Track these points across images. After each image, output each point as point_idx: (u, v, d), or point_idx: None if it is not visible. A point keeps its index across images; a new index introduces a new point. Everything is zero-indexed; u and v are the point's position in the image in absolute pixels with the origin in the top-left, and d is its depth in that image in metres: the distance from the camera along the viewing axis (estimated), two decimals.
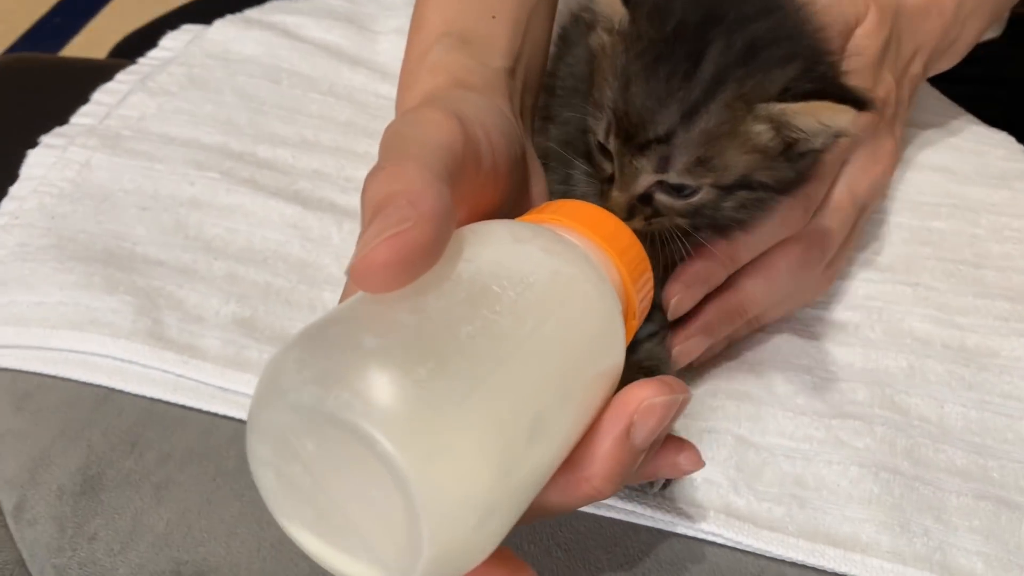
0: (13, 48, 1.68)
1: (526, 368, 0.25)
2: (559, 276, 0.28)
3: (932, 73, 0.56)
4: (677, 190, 0.37)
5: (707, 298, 0.42)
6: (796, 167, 0.38)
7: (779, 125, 0.35)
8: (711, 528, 0.39)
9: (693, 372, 0.46)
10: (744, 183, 0.37)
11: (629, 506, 0.40)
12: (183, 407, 0.44)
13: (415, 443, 0.21)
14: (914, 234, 0.54)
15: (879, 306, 0.50)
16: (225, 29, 0.65)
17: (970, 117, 0.64)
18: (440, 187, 0.27)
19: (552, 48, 0.49)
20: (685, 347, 0.43)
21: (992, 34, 0.77)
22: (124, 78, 0.62)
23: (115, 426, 0.43)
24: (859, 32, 0.47)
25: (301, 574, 0.38)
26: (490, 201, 0.34)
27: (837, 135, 0.36)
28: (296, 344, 0.24)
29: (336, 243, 0.51)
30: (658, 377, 0.28)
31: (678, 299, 0.41)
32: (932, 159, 0.59)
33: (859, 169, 0.46)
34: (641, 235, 0.34)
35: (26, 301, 0.47)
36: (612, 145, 0.37)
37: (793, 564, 0.39)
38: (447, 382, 0.22)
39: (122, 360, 0.45)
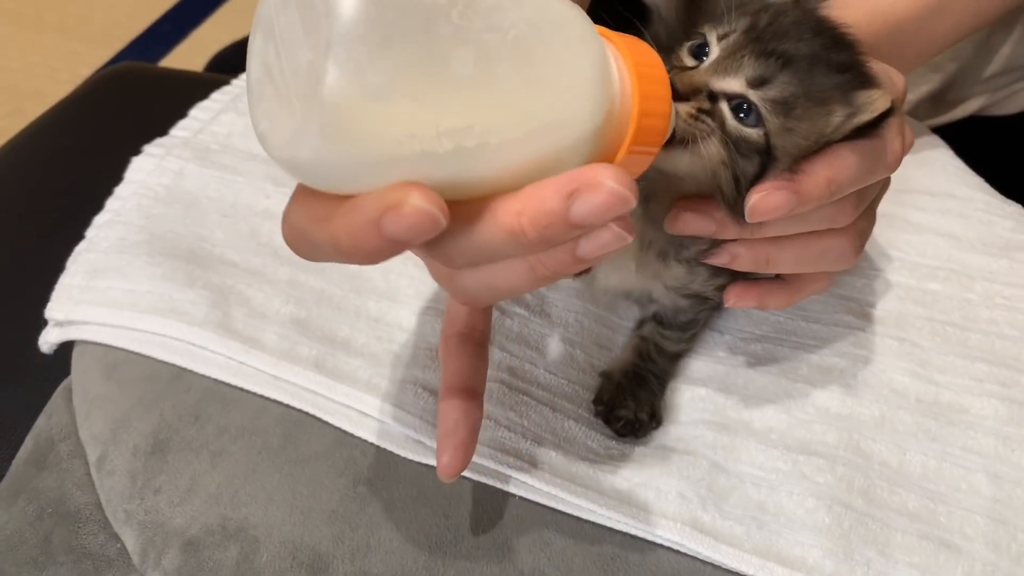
0: (127, 50, 1.84)
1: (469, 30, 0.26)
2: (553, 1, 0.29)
3: None
4: (742, 116, 0.39)
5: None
6: None
7: (850, 117, 0.40)
8: (677, 538, 0.45)
9: (682, 404, 0.52)
10: (778, 164, 0.40)
11: (607, 512, 0.46)
12: (241, 389, 0.51)
13: None
14: (909, 293, 0.59)
15: (865, 355, 0.55)
16: None
17: (986, 187, 0.68)
18: None
19: None
20: (686, 217, 0.43)
21: None
22: (218, 97, 0.71)
23: (184, 400, 0.51)
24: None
25: (323, 538, 0.45)
26: None
27: (863, 109, 0.40)
28: None
29: None
30: (622, 174, 0.28)
31: (760, 196, 0.40)
32: (940, 225, 0.63)
33: None
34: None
35: (120, 287, 0.55)
36: (733, 38, 0.40)
37: None
38: None
39: (194, 345, 0.53)
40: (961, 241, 0.62)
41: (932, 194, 0.66)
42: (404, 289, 0.57)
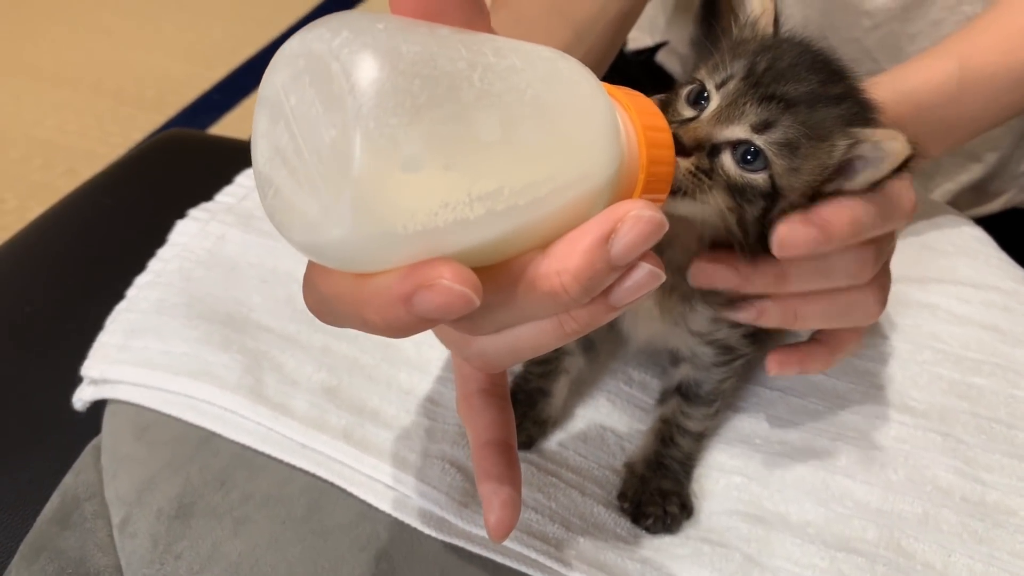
0: (178, 116, 1.91)
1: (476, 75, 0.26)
2: (557, 61, 0.29)
3: None
4: (747, 160, 0.40)
5: None
6: None
7: (851, 147, 0.40)
8: None
9: (716, 492, 0.50)
10: (784, 201, 0.40)
11: None
12: (268, 456, 0.51)
13: (364, 61, 0.24)
14: (953, 386, 0.57)
15: (907, 450, 0.53)
16: None
17: None
18: None
19: None
20: (708, 269, 0.44)
21: None
22: None
23: (211, 464, 0.51)
24: None
25: None
26: None
27: (883, 159, 0.40)
28: None
29: None
30: (648, 203, 0.29)
31: (788, 229, 0.40)
32: (984, 317, 0.62)
33: None
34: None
35: (157, 348, 0.56)
36: (732, 85, 0.40)
37: None
38: (402, 37, 0.25)
39: (225, 409, 0.53)
40: (1007, 335, 0.61)
41: (976, 286, 0.64)
42: (435, 361, 0.56)
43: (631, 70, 0.94)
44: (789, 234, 0.40)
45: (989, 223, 0.74)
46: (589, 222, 0.28)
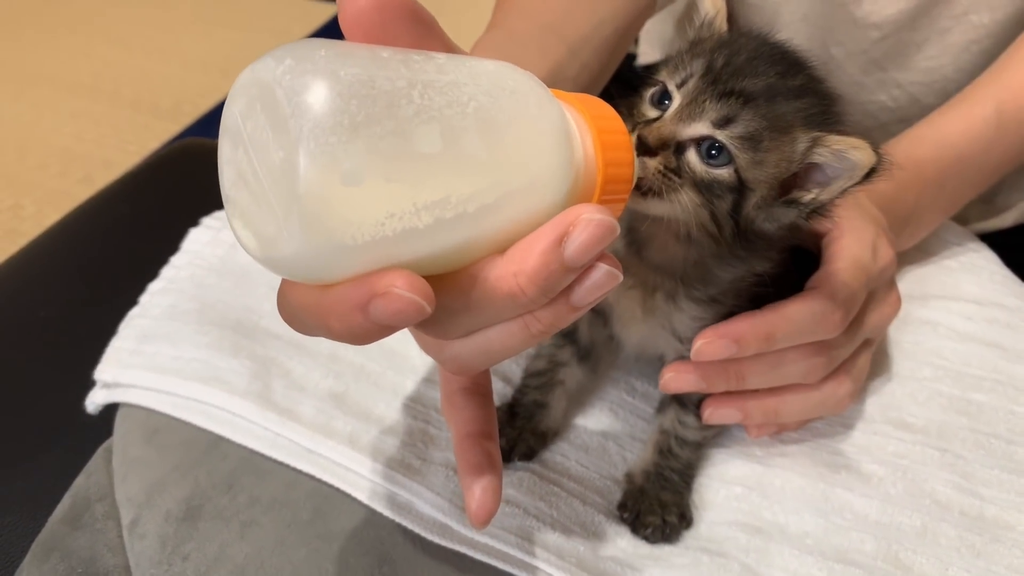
0: (194, 125, 1.94)
1: (418, 91, 0.27)
2: (504, 74, 0.31)
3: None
4: (711, 155, 0.40)
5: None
6: (796, 220, 0.43)
7: (814, 143, 0.40)
8: None
9: (716, 502, 0.51)
10: (753, 194, 0.41)
11: None
12: (275, 461, 0.52)
13: (304, 86, 0.25)
14: (953, 402, 0.57)
15: (905, 464, 0.53)
16: None
17: None
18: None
19: None
20: (677, 377, 0.49)
21: None
22: None
23: (219, 468, 0.52)
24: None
25: None
26: None
27: (852, 169, 0.40)
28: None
29: None
30: (600, 207, 0.30)
31: (705, 342, 0.46)
32: (986, 334, 0.62)
33: (874, 305, 0.52)
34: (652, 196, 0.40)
35: (168, 354, 0.57)
36: (692, 83, 0.41)
37: None
38: (342, 61, 0.27)
39: (234, 414, 0.54)
40: (1008, 352, 0.61)
41: (979, 303, 0.65)
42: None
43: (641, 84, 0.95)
44: (706, 347, 0.46)
45: (1000, 240, 0.74)
46: (544, 226, 0.29)
